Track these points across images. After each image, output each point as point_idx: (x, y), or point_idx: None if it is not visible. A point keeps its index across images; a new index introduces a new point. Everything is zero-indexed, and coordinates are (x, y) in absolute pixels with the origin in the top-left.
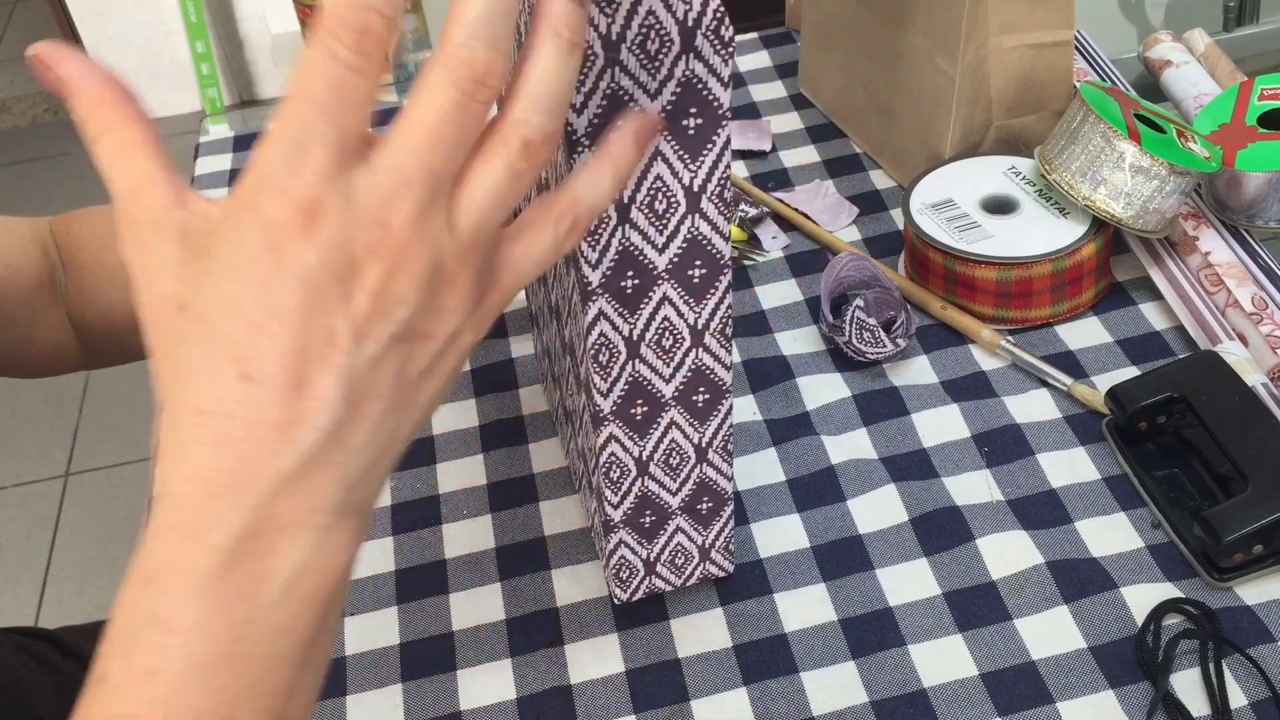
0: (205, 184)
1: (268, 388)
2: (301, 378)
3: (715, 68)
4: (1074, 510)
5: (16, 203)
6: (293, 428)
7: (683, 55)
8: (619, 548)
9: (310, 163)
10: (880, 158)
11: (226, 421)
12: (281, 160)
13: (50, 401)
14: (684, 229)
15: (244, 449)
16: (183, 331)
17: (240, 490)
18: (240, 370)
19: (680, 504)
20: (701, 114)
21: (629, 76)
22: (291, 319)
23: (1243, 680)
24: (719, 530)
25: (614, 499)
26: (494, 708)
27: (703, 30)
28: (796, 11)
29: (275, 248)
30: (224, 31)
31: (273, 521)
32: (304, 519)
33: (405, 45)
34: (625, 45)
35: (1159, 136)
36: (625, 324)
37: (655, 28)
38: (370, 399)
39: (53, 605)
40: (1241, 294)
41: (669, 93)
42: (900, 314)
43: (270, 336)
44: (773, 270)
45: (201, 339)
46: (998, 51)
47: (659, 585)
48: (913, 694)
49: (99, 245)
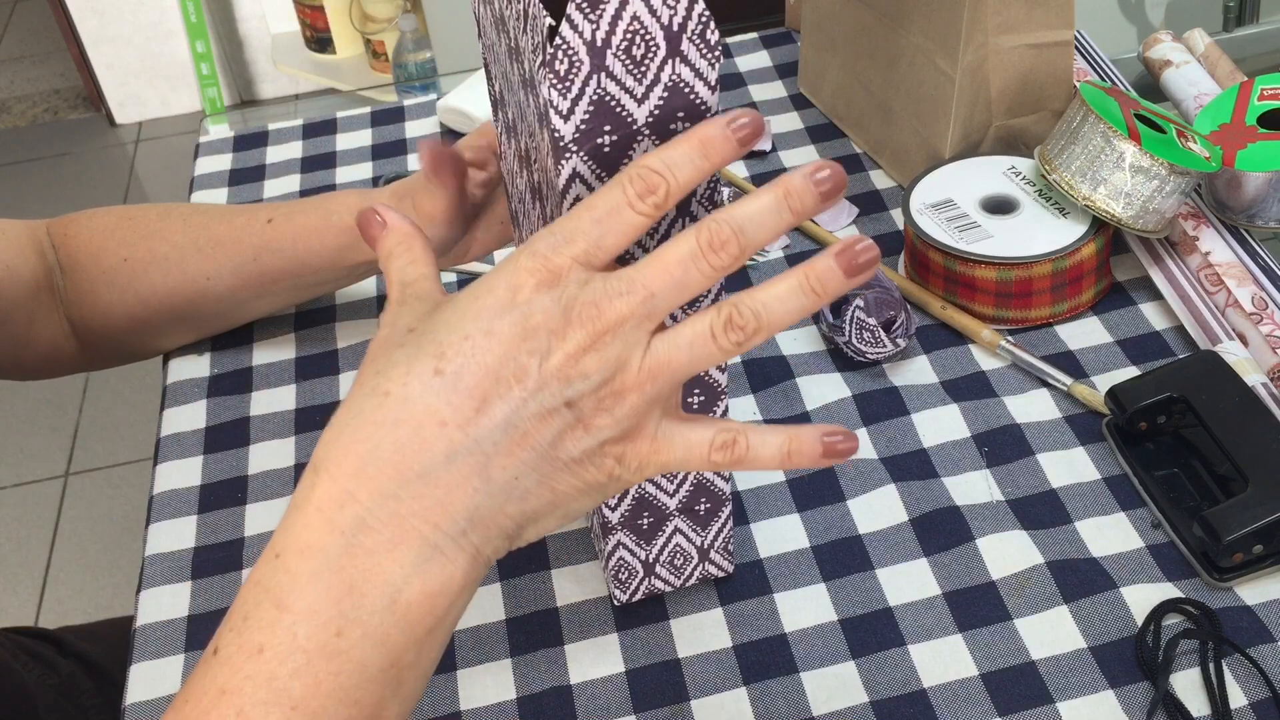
0: (205, 184)
1: (453, 388)
2: (484, 394)
3: (702, 71)
4: (1074, 510)
5: (16, 203)
6: (455, 430)
7: (669, 60)
8: (617, 549)
9: (570, 249)
10: (880, 158)
11: (403, 404)
12: (550, 240)
13: (50, 401)
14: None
15: (405, 434)
16: (402, 343)
17: (385, 475)
18: (437, 366)
19: (678, 505)
20: (689, 119)
21: (615, 82)
22: (499, 342)
23: (1243, 680)
24: (718, 531)
25: (611, 501)
26: (494, 708)
27: (688, 35)
28: (796, 11)
29: (514, 288)
30: (224, 31)
31: (398, 521)
32: (421, 528)
33: (405, 45)
34: (611, 51)
35: (1159, 136)
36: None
37: (640, 33)
38: (524, 446)
39: (53, 605)
40: (1241, 294)
41: (656, 97)
42: (900, 314)
43: (475, 348)
44: (773, 270)
45: (415, 344)
46: (998, 51)
47: (658, 586)
48: (913, 694)
49: (98, 247)
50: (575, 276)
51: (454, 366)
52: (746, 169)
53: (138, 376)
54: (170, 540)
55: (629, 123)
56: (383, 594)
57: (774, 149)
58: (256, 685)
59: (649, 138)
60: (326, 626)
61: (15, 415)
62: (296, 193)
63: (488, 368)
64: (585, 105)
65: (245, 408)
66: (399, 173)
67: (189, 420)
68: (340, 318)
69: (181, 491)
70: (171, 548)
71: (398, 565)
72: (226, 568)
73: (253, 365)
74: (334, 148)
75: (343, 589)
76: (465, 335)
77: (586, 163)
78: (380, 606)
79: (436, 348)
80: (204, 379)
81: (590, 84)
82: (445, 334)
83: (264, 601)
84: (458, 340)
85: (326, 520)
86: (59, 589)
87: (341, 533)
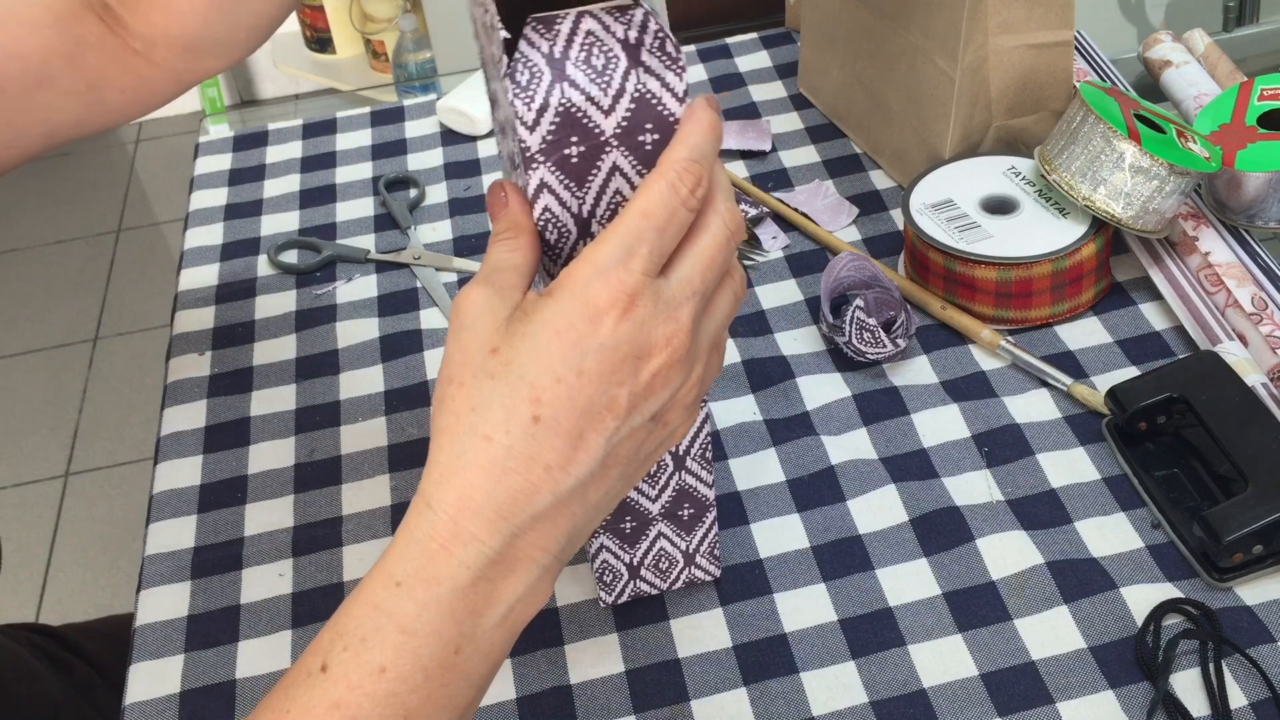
0: (205, 184)
1: (553, 432)
2: (580, 432)
3: (669, 83)
4: (1074, 510)
5: (16, 203)
6: (559, 472)
7: (632, 69)
8: (601, 552)
9: (637, 263)
10: (880, 158)
11: (507, 453)
12: (615, 254)
13: (50, 401)
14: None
15: (516, 481)
16: (488, 369)
17: (502, 518)
18: (534, 412)
19: (661, 510)
20: (658, 130)
21: (579, 91)
22: (590, 381)
23: (1243, 680)
24: (703, 536)
25: None
26: (494, 708)
27: (647, 48)
28: (796, 11)
29: (594, 319)
30: None
31: (515, 552)
32: (535, 555)
33: (405, 45)
34: (570, 61)
35: (1159, 136)
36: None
37: (597, 44)
38: (616, 464)
39: (53, 605)
40: (1241, 294)
41: (623, 109)
42: (900, 314)
43: (568, 390)
44: (773, 270)
45: (505, 378)
46: (997, 51)
47: (644, 589)
48: (913, 694)
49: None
50: (648, 294)
51: (550, 412)
52: (746, 169)
53: (138, 376)
54: (170, 540)
55: (597, 134)
56: (498, 612)
57: (774, 149)
58: (375, 701)
59: (618, 149)
60: (448, 645)
61: (15, 415)
62: (296, 193)
63: (582, 409)
64: (551, 116)
65: (245, 408)
66: (399, 173)
67: (189, 420)
68: (340, 317)
69: (181, 491)
70: (171, 547)
71: (513, 588)
72: (226, 567)
73: (253, 365)
74: (334, 148)
75: (465, 612)
76: (557, 378)
77: (554, 173)
78: (494, 623)
79: (530, 391)
80: (204, 379)
81: (554, 94)
82: (535, 374)
83: (386, 626)
84: (550, 384)
85: (450, 555)
86: (59, 589)
87: (467, 566)
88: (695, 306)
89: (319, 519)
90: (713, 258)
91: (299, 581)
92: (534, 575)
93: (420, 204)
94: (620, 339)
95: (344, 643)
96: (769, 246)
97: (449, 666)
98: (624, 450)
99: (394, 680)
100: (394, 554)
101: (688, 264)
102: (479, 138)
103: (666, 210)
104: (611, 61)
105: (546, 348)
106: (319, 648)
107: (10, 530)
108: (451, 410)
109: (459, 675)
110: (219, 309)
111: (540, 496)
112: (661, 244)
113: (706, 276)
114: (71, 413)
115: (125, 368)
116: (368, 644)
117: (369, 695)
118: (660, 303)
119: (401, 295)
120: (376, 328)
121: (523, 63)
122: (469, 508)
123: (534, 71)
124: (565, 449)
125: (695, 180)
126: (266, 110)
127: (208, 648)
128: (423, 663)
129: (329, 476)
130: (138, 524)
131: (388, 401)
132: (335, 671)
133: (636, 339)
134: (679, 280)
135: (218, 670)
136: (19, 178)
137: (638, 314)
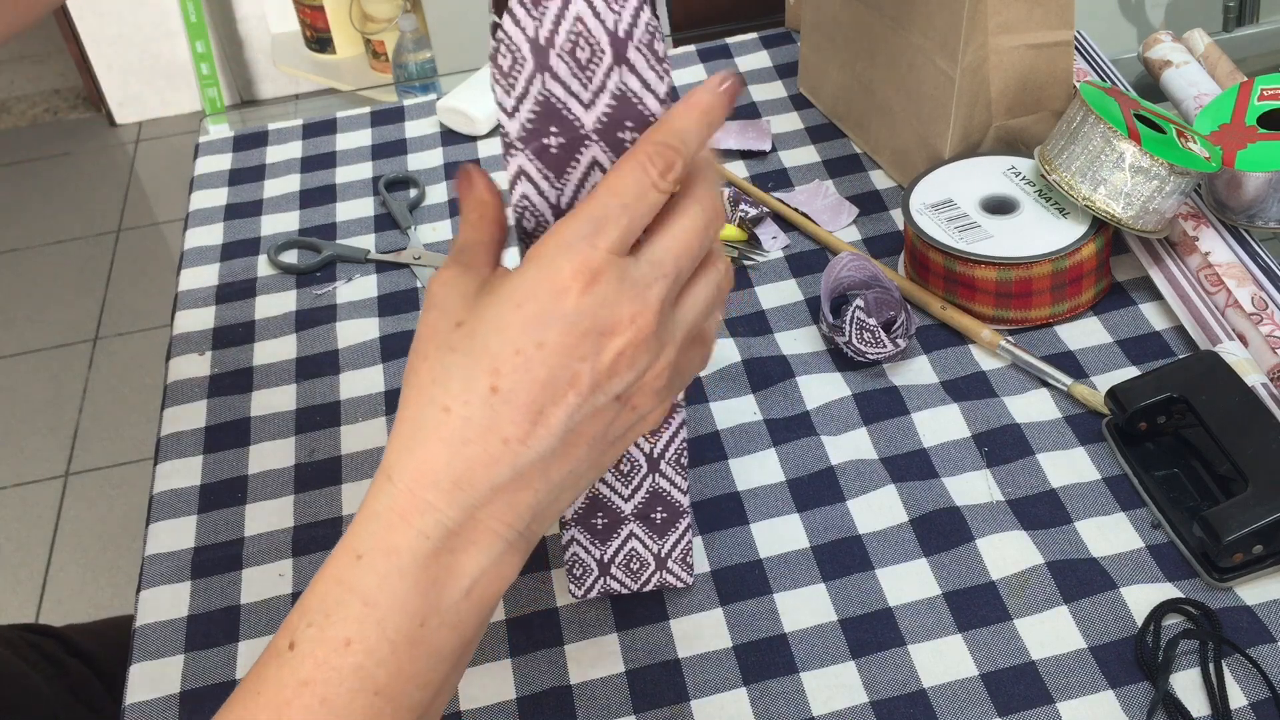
0: (205, 184)
1: (512, 405)
2: (540, 406)
3: (651, 84)
4: (1074, 510)
5: (16, 203)
6: (517, 445)
7: (615, 67)
8: (572, 544)
9: (604, 240)
10: (880, 158)
11: (465, 424)
12: (581, 231)
13: (50, 401)
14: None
15: (474, 452)
16: (451, 342)
17: (460, 489)
18: (493, 383)
19: (633, 510)
20: (639, 128)
21: (560, 84)
22: (551, 354)
23: (1243, 680)
24: (675, 541)
25: None
26: (494, 708)
27: (635, 43)
28: (796, 11)
29: (557, 293)
30: (224, 31)
31: (475, 524)
32: (496, 529)
33: (405, 45)
34: (554, 51)
35: (1159, 136)
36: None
37: (584, 35)
38: (580, 443)
39: (53, 605)
40: (1241, 294)
41: (603, 105)
42: (900, 314)
43: (528, 363)
44: (773, 270)
45: (466, 350)
46: (998, 51)
47: (614, 587)
48: (913, 694)
49: None
50: (613, 271)
51: (508, 384)
52: (747, 169)
53: (138, 376)
54: (170, 540)
55: (576, 127)
56: (461, 585)
57: (774, 149)
58: (343, 675)
59: (597, 144)
60: (413, 618)
61: (15, 415)
62: (296, 193)
63: (542, 381)
64: (530, 105)
65: (245, 408)
66: (399, 173)
67: (189, 420)
68: (341, 318)
69: (181, 491)
70: (171, 547)
71: (475, 560)
72: (226, 567)
73: (253, 365)
74: (334, 148)
75: (428, 583)
76: (516, 349)
77: (532, 161)
78: (458, 596)
79: (490, 362)
80: (204, 379)
81: (535, 84)
82: (497, 345)
83: (348, 599)
84: (510, 355)
85: (409, 525)
86: (59, 589)
87: (426, 536)
88: (664, 289)
89: (319, 519)
90: (687, 243)
91: (299, 582)
92: (498, 549)
93: (420, 204)
94: (582, 313)
95: (309, 619)
96: (769, 246)
97: (416, 640)
98: (589, 430)
99: (360, 653)
100: (356, 529)
101: (659, 246)
102: (479, 138)
103: (636, 190)
104: (596, 55)
105: (508, 319)
106: (288, 627)
107: (10, 530)
108: (415, 384)
109: (427, 649)
110: (219, 309)
111: (499, 468)
112: (629, 223)
113: (680, 261)
114: (71, 413)
115: (125, 368)
116: (331, 618)
117: (336, 670)
118: (626, 281)
119: (401, 295)
120: (377, 328)
121: (505, 45)
122: (427, 478)
123: (516, 57)
124: (524, 422)
125: (666, 163)
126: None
127: (208, 648)
128: (388, 635)
129: (329, 476)
130: (138, 524)
131: (388, 402)
132: (302, 648)
133: (599, 314)
134: (648, 261)
135: (218, 670)
136: (19, 178)
137: (601, 289)
